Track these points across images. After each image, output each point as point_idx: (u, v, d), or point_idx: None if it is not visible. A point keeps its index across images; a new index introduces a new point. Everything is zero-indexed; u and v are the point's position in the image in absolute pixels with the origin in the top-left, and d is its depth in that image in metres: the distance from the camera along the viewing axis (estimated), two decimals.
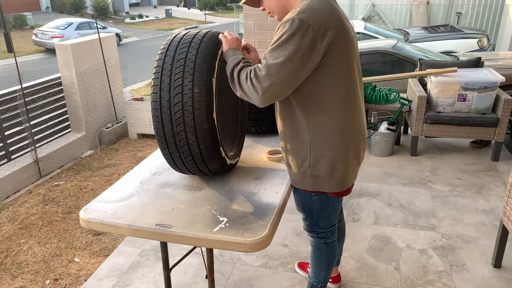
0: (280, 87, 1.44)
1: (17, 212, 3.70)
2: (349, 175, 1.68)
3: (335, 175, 1.63)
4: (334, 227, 1.89)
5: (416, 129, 3.84)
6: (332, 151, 1.58)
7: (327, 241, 1.89)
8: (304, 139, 1.59)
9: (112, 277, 2.47)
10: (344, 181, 1.67)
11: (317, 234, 1.87)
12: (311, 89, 1.51)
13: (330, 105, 1.53)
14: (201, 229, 1.42)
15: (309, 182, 1.66)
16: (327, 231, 1.86)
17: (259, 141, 2.19)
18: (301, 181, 1.68)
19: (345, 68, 1.51)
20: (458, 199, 3.19)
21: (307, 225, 1.88)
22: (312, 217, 1.81)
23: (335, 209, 1.80)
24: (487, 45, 7.74)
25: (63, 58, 4.90)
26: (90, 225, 1.51)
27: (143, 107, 5.35)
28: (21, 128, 4.41)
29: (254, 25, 4.05)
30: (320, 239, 1.88)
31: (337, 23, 1.46)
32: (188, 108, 1.51)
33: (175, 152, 1.61)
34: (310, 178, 1.64)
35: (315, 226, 1.85)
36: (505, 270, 2.41)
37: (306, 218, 1.84)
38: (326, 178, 1.63)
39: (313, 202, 1.74)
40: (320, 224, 1.83)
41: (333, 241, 1.91)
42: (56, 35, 15.11)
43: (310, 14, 1.41)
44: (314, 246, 1.92)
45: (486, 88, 3.60)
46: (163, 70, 1.55)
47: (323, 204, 1.74)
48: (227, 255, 2.60)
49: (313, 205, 1.75)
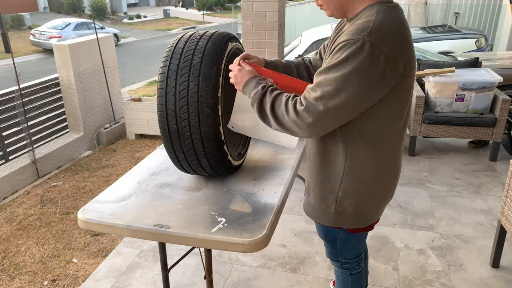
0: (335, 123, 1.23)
1: (15, 213, 3.68)
2: (377, 211, 1.48)
3: (362, 211, 1.43)
4: (360, 257, 1.69)
5: (414, 129, 3.84)
6: (365, 185, 1.38)
7: (352, 272, 1.69)
8: (336, 171, 1.37)
9: (110, 278, 2.47)
10: (370, 218, 1.47)
11: (341, 265, 1.68)
12: (363, 122, 1.27)
13: (378, 141, 1.32)
14: (200, 229, 1.41)
15: (330, 217, 1.46)
16: (353, 261, 1.66)
17: (258, 141, 2.19)
18: (320, 215, 1.49)
19: (405, 101, 1.29)
20: (456, 199, 3.19)
21: (329, 253, 1.69)
22: (335, 247, 1.62)
23: (361, 238, 1.62)
24: (485, 45, 7.76)
25: (61, 59, 4.89)
26: (88, 225, 1.51)
27: (141, 108, 5.34)
28: (19, 128, 4.40)
29: (252, 25, 4.05)
30: (345, 270, 1.69)
31: (409, 48, 1.22)
32: (194, 111, 1.50)
33: (180, 153, 1.60)
34: (333, 213, 1.44)
35: (339, 256, 1.65)
36: (503, 270, 2.41)
37: (328, 246, 1.66)
38: (352, 215, 1.43)
39: (336, 231, 1.54)
40: (345, 254, 1.63)
41: (359, 271, 1.70)
42: (54, 35, 15.09)
43: (383, 36, 1.15)
44: (339, 276, 1.73)
45: (484, 88, 3.61)
46: (169, 72, 1.53)
47: (347, 234, 1.54)
48: (226, 256, 2.60)
49: (337, 234, 1.55)
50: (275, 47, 4.11)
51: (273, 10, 3.95)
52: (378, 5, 1.24)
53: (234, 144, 1.93)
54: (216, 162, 1.61)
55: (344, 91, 1.16)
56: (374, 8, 1.23)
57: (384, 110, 1.26)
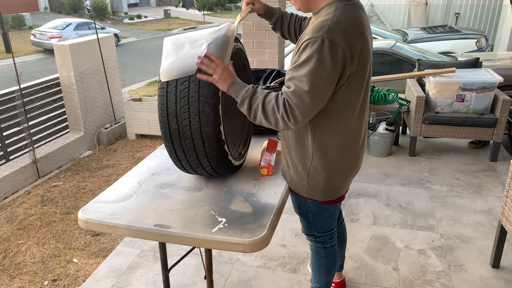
0: (313, 112, 1.40)
1: (15, 213, 3.69)
2: (345, 185, 1.67)
3: (331, 186, 1.62)
4: (333, 231, 1.85)
5: (415, 129, 3.84)
6: (333, 164, 1.57)
7: (325, 246, 1.84)
8: (307, 150, 1.56)
9: (111, 278, 2.47)
10: (339, 191, 1.67)
11: (315, 238, 1.83)
12: (326, 106, 1.45)
13: (339, 121, 1.50)
14: (200, 229, 1.42)
15: (304, 189, 1.65)
16: (325, 235, 1.82)
17: (257, 141, 2.19)
18: (296, 186, 1.67)
19: (360, 86, 1.47)
20: (457, 199, 3.19)
21: (304, 228, 1.85)
22: (308, 220, 1.78)
23: (332, 213, 1.76)
24: (485, 46, 7.76)
25: (62, 59, 4.89)
26: (89, 225, 1.51)
27: (141, 108, 5.34)
28: (19, 128, 4.40)
29: (253, 25, 4.05)
30: (319, 243, 1.84)
31: (363, 41, 1.39)
32: (194, 110, 1.50)
33: (180, 153, 1.60)
34: (306, 186, 1.63)
35: (312, 230, 1.81)
36: (504, 270, 2.41)
37: (302, 220, 1.81)
38: (322, 189, 1.62)
39: (308, 205, 1.71)
40: (317, 227, 1.79)
41: (332, 245, 1.86)
42: (54, 35, 15.09)
43: (339, 33, 1.32)
44: (313, 251, 1.88)
45: (484, 89, 3.61)
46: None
47: (319, 208, 1.71)
48: (226, 256, 2.60)
49: (309, 208, 1.72)
50: (276, 47, 4.11)
51: None
52: (336, 3, 1.40)
53: (235, 144, 1.93)
54: (217, 162, 1.62)
55: (315, 84, 1.33)
56: (333, 6, 1.39)
57: (343, 94, 1.43)
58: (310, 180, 1.61)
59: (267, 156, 1.81)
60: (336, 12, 1.36)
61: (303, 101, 1.35)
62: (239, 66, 1.90)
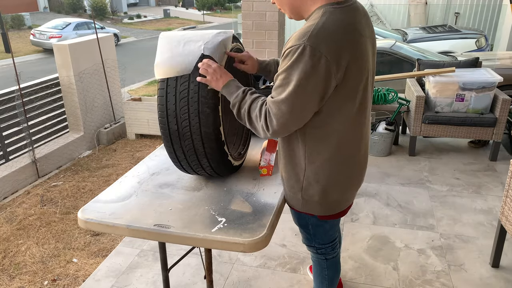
0: (293, 123, 1.33)
1: (15, 213, 3.69)
2: (345, 199, 1.56)
3: (327, 200, 1.52)
4: (334, 242, 1.76)
5: (414, 129, 3.84)
6: (328, 176, 1.47)
7: (327, 257, 1.77)
8: (299, 162, 1.48)
9: (111, 278, 2.47)
10: (338, 205, 1.56)
11: (316, 250, 1.76)
12: (315, 118, 1.37)
13: (331, 133, 1.40)
14: (200, 229, 1.41)
15: (299, 203, 1.56)
16: (327, 246, 1.74)
17: (257, 141, 2.19)
18: (291, 199, 1.58)
19: (353, 96, 1.36)
20: (456, 199, 3.19)
21: (304, 239, 1.77)
22: (308, 232, 1.70)
23: (333, 225, 1.68)
24: (485, 45, 7.76)
25: (61, 59, 4.89)
26: (88, 225, 1.51)
27: (141, 108, 5.34)
28: (19, 128, 4.40)
29: (253, 25, 4.05)
30: (320, 255, 1.77)
31: (354, 47, 1.28)
32: (194, 111, 1.50)
33: (180, 153, 1.60)
34: (301, 200, 1.55)
35: (313, 241, 1.73)
36: (503, 269, 2.41)
37: (303, 231, 1.73)
38: (317, 203, 1.53)
39: (308, 217, 1.63)
40: (318, 239, 1.71)
41: (334, 256, 1.78)
42: (54, 35, 15.09)
43: (323, 39, 1.22)
44: (315, 262, 1.81)
45: (484, 88, 3.61)
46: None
47: (318, 220, 1.62)
48: (226, 256, 2.60)
49: (309, 220, 1.64)
50: (275, 47, 4.11)
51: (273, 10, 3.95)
52: (325, 7, 1.30)
53: (234, 144, 1.93)
54: (216, 162, 1.61)
55: (297, 94, 1.26)
56: (321, 11, 1.30)
57: (332, 105, 1.34)
58: (304, 194, 1.52)
59: (267, 155, 1.80)
60: (323, 17, 1.26)
61: (282, 111, 1.29)
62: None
